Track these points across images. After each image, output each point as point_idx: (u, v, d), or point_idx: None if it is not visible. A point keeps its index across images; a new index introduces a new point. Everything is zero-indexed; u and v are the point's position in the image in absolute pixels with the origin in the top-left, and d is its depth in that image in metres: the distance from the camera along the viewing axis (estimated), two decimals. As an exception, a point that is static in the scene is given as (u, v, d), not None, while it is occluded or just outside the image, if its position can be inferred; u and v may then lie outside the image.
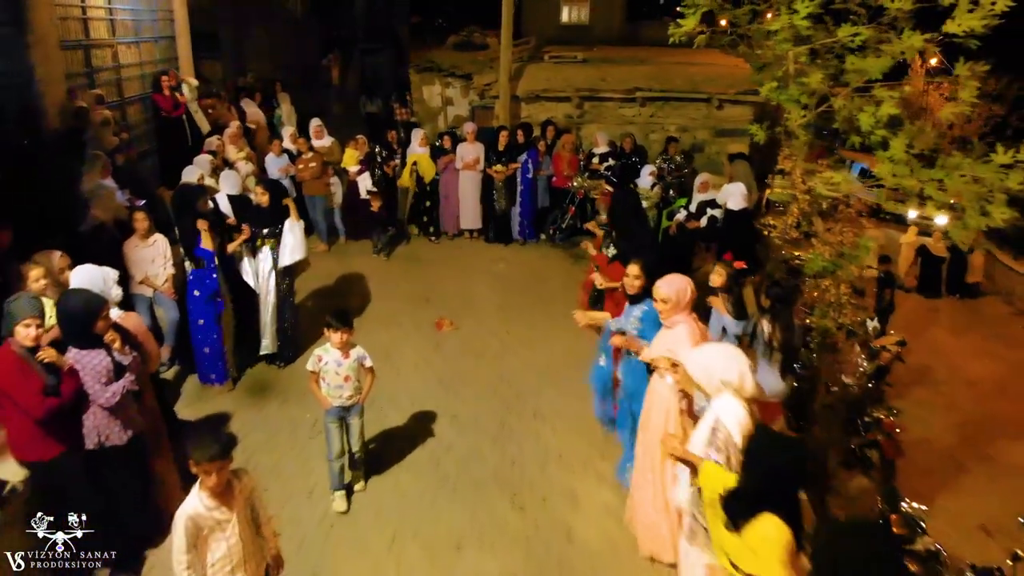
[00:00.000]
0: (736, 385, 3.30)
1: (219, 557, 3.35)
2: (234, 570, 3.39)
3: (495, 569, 4.58)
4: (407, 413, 6.36)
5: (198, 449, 3.25)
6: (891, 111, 4.86)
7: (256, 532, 3.55)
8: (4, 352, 3.94)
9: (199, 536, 3.30)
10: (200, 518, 3.28)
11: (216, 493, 3.30)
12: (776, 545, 2.76)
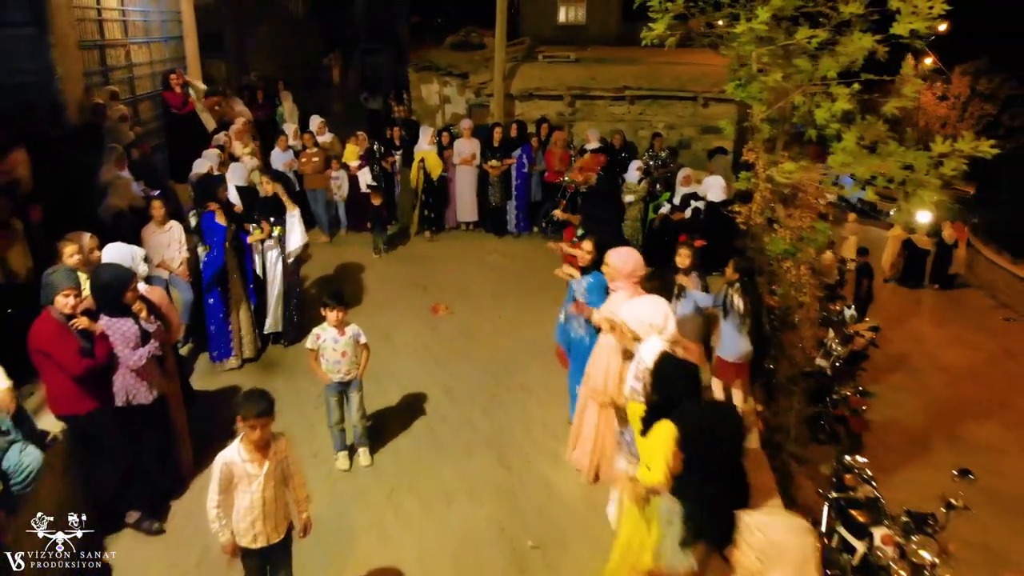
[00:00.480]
0: (660, 326, 3.89)
1: (244, 507, 3.74)
2: (254, 522, 3.76)
3: (482, 517, 5.11)
4: (405, 388, 6.88)
5: (247, 405, 3.61)
6: (845, 106, 5.39)
7: (283, 492, 3.86)
8: (45, 318, 4.47)
9: (231, 482, 3.70)
10: (234, 466, 3.67)
11: (256, 447, 3.67)
12: (661, 438, 3.33)
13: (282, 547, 3.94)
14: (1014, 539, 6.68)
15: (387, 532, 5.00)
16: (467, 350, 7.70)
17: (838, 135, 5.44)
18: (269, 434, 3.71)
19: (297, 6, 20.79)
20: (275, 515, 3.81)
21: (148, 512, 4.88)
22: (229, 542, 3.79)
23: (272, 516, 3.79)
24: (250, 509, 3.73)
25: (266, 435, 3.68)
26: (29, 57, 7.80)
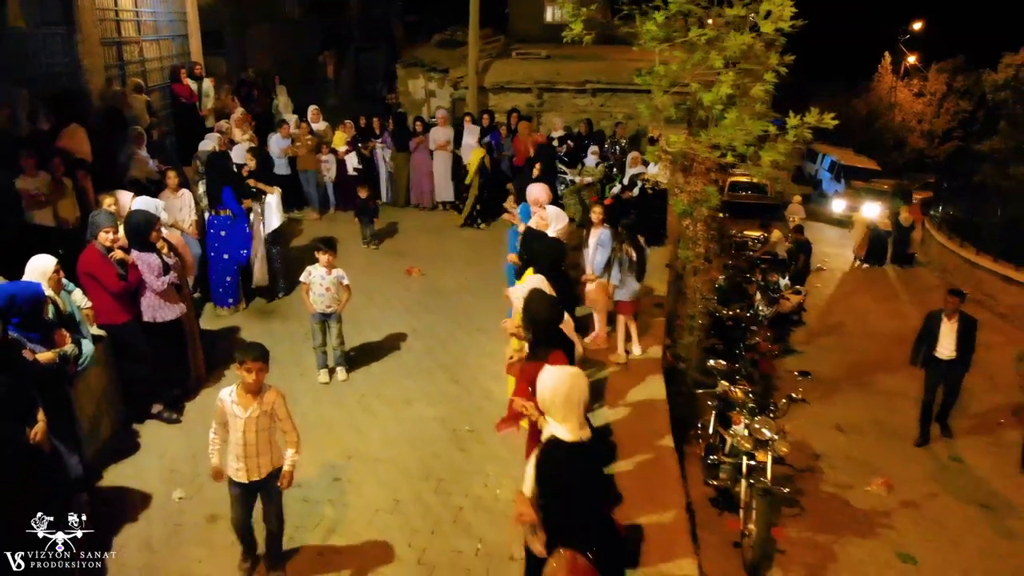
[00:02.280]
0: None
1: (231, 442, 4.28)
2: (237, 458, 4.26)
3: (433, 414, 6.56)
4: (380, 331, 8.31)
5: (244, 351, 4.14)
6: (727, 91, 6.81)
7: (266, 440, 4.28)
8: (91, 250, 5.91)
9: (224, 417, 4.27)
10: (224, 405, 4.23)
11: (248, 391, 4.17)
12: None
13: (266, 485, 4.38)
14: (889, 456, 8.08)
15: (357, 424, 6.44)
16: (434, 303, 9.14)
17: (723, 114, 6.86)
18: (262, 382, 4.21)
19: (294, 6, 22.26)
20: (256, 458, 4.25)
21: (168, 406, 6.33)
22: (216, 467, 4.39)
23: (253, 457, 4.24)
24: (234, 446, 4.26)
25: (259, 381, 4.17)
26: (61, 52, 9.27)
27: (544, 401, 3.47)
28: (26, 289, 4.80)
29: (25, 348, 4.66)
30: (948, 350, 8.23)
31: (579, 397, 3.41)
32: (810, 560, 6.06)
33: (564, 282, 6.48)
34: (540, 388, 3.53)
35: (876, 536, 6.51)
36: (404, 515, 5.28)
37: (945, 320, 8.26)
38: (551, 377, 3.50)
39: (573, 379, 3.47)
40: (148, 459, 5.84)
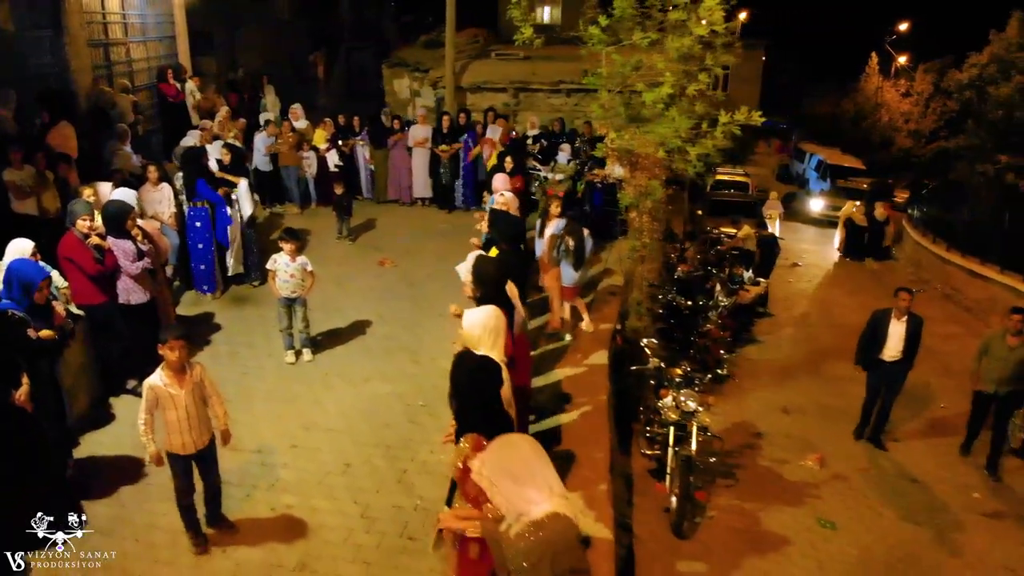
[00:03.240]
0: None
1: (172, 421, 4.66)
2: (181, 432, 4.69)
3: (389, 391, 7.09)
4: (348, 317, 8.84)
5: (166, 331, 4.63)
6: (667, 91, 7.34)
7: (203, 409, 4.77)
8: (70, 236, 6.44)
9: (156, 403, 4.64)
10: (158, 389, 4.61)
11: (174, 370, 4.60)
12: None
13: (207, 454, 4.89)
14: (829, 436, 8.56)
15: (318, 398, 6.98)
16: (403, 291, 9.67)
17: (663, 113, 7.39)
18: (186, 359, 4.65)
19: (284, 6, 22.81)
20: (198, 427, 4.76)
21: (141, 381, 6.84)
22: (154, 453, 4.75)
23: (195, 428, 4.75)
24: (177, 422, 4.68)
25: (183, 358, 4.61)
26: (49, 53, 9.83)
27: (473, 337, 4.08)
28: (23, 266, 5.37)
29: (30, 327, 5.21)
30: (895, 351, 7.94)
31: (500, 328, 4.05)
32: (736, 524, 6.57)
33: (521, 256, 7.01)
34: (468, 326, 4.14)
35: (802, 505, 7.02)
36: (353, 476, 5.82)
37: (894, 320, 7.94)
38: (478, 315, 4.13)
39: (495, 315, 4.10)
40: (122, 429, 6.37)
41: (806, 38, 42.30)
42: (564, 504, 2.95)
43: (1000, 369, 7.67)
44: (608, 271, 10.16)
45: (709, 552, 6.11)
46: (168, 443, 4.77)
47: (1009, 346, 7.61)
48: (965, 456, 8.27)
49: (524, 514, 2.92)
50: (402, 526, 5.26)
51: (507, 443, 3.10)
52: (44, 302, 5.57)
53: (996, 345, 7.75)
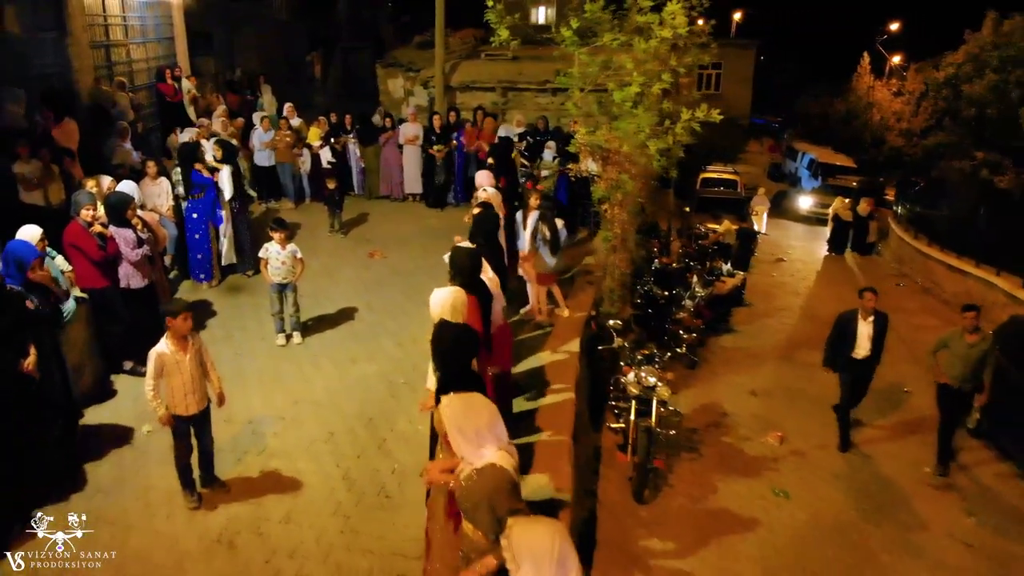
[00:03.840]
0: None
1: (176, 385, 5.23)
2: (185, 395, 5.28)
3: (374, 371, 7.61)
4: (338, 304, 9.36)
5: (177, 303, 5.59)
6: (635, 90, 7.86)
7: (201, 375, 5.33)
8: (75, 224, 6.97)
9: (162, 369, 5.16)
10: (164, 356, 5.16)
11: (177, 339, 5.18)
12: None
13: (203, 417, 5.47)
14: (792, 416, 9.06)
15: (306, 377, 7.50)
16: (391, 281, 10.19)
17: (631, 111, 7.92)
18: (189, 328, 5.29)
19: (281, 7, 23.37)
20: (198, 391, 5.36)
21: (139, 361, 7.38)
22: (165, 415, 5.27)
23: (196, 391, 5.33)
24: (181, 386, 5.25)
25: (187, 327, 5.23)
26: (53, 55, 10.36)
27: (434, 313, 4.63)
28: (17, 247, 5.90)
29: (28, 300, 5.74)
30: (864, 350, 8.12)
31: (461, 306, 4.56)
32: (694, 492, 7.08)
33: (498, 248, 7.52)
34: (432, 303, 4.68)
35: (759, 476, 7.53)
36: (336, 444, 6.34)
37: (861, 321, 8.12)
38: (441, 294, 4.68)
39: (457, 294, 4.62)
40: (123, 403, 6.91)
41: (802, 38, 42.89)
42: (504, 457, 3.49)
43: (961, 366, 7.79)
44: (586, 262, 10.66)
45: (666, 515, 6.63)
46: (172, 406, 5.32)
47: (968, 343, 7.76)
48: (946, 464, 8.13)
49: (471, 464, 3.47)
50: (380, 487, 5.78)
51: (468, 401, 3.64)
52: (38, 280, 6.06)
53: (955, 343, 7.88)
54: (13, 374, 5.28)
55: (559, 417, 6.63)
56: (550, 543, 2.72)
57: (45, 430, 5.57)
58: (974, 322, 7.75)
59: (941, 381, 8.00)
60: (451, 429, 3.58)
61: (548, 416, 6.64)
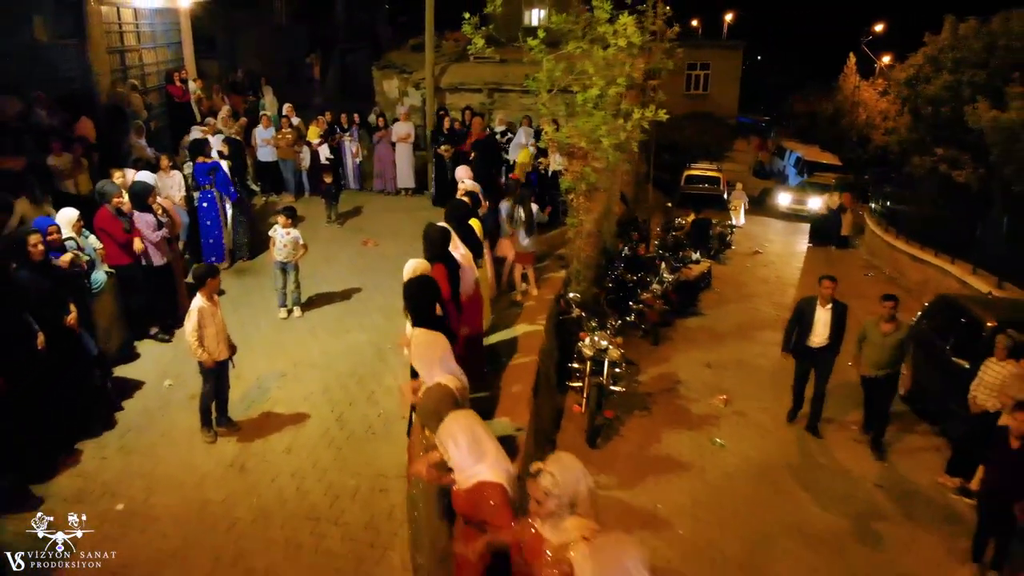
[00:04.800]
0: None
1: (211, 334, 6.49)
2: (219, 343, 6.56)
3: (365, 339, 8.79)
4: (334, 285, 10.53)
5: (209, 270, 6.63)
6: (595, 92, 9.02)
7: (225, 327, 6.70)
8: (104, 210, 8.14)
9: (202, 319, 6.47)
10: (203, 309, 6.41)
11: (211, 296, 6.60)
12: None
13: (225, 365, 6.74)
14: (739, 384, 10.16)
15: (305, 344, 8.69)
16: (382, 266, 11.34)
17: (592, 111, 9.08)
18: (218, 287, 6.77)
19: (281, 11, 24.58)
20: (225, 340, 6.66)
21: (161, 328, 8.58)
22: (208, 358, 6.48)
23: (223, 340, 6.63)
24: (215, 334, 6.52)
25: (216, 286, 6.58)
26: (75, 60, 11.56)
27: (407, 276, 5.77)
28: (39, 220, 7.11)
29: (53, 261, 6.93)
30: (821, 337, 8.37)
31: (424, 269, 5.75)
32: (642, 441, 8.23)
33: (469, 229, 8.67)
34: (405, 270, 5.83)
35: (700, 429, 8.68)
36: (331, 395, 7.53)
37: (819, 307, 8.39)
38: (410, 263, 5.84)
39: (419, 262, 5.82)
40: (147, 364, 8.10)
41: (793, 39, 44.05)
42: (451, 380, 4.65)
43: (877, 354, 8.23)
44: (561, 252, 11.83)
45: (615, 458, 7.79)
46: (207, 356, 6.52)
47: (883, 332, 8.19)
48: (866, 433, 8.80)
49: (426, 383, 4.65)
50: (367, 427, 6.97)
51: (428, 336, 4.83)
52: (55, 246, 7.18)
53: (872, 331, 8.31)
54: (59, 327, 6.45)
55: (523, 375, 7.78)
56: (464, 422, 3.87)
57: (85, 376, 6.74)
58: (891, 311, 8.18)
59: (863, 373, 8.50)
60: (414, 357, 4.77)
61: (514, 374, 7.79)
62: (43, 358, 6.15)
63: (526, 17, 25.61)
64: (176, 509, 5.86)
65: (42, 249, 6.58)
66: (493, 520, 3.72)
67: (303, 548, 5.48)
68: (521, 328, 8.91)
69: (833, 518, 7.14)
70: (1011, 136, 13.02)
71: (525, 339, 8.63)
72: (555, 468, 3.40)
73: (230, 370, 6.88)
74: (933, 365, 9.30)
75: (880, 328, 8.26)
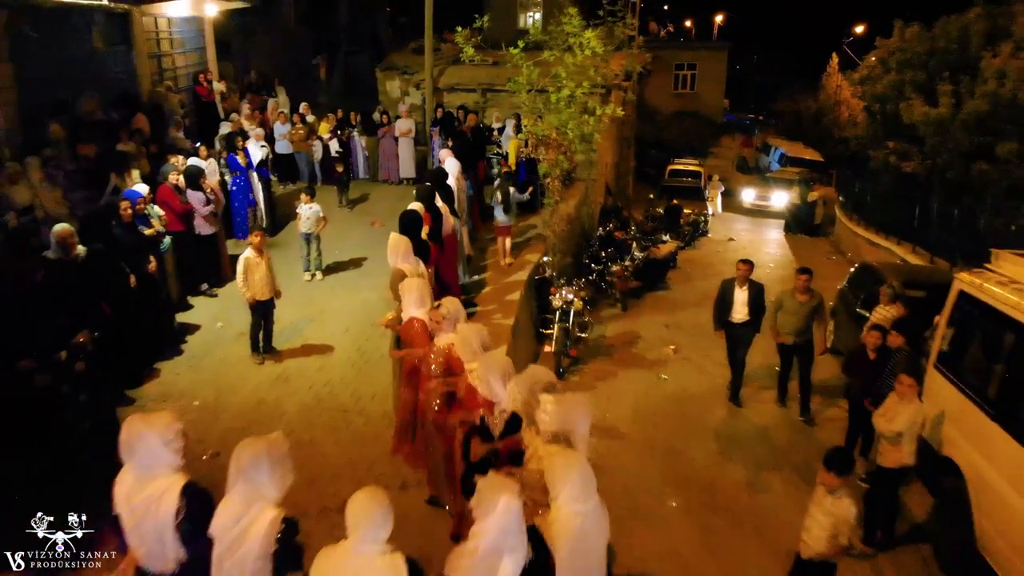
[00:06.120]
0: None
1: (257, 279, 8.98)
2: (262, 286, 8.94)
3: (374, 296, 10.91)
4: (347, 256, 12.68)
5: (255, 227, 9.22)
6: (567, 93, 11.16)
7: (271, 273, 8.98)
8: (165, 187, 10.30)
9: (248, 268, 8.98)
10: (249, 259, 8.79)
11: (257, 249, 8.92)
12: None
13: (270, 303, 8.99)
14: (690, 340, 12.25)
15: (327, 299, 10.85)
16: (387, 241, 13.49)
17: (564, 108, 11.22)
18: (262, 242, 9.09)
19: (290, 16, 26.74)
20: (270, 284, 8.96)
21: (209, 285, 10.75)
22: (251, 297, 8.80)
23: (268, 284, 8.85)
24: (259, 279, 8.84)
25: (263, 239, 9.07)
26: (123, 64, 13.72)
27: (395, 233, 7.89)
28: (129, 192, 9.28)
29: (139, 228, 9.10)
30: (741, 314, 9.40)
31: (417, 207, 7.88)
32: (599, 375, 10.35)
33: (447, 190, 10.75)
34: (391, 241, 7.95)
35: (650, 369, 10.79)
36: (350, 334, 9.70)
37: (737, 288, 9.43)
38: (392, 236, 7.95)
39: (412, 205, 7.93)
40: (200, 312, 10.27)
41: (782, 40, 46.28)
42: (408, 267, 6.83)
43: (794, 322, 9.09)
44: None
45: (578, 386, 9.91)
46: (252, 295, 8.67)
47: (799, 302, 9.09)
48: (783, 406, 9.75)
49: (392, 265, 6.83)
50: (381, 354, 9.09)
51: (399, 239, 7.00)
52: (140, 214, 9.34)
53: (788, 302, 9.19)
54: (142, 274, 8.60)
55: (506, 313, 9.93)
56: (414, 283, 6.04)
57: (161, 312, 8.89)
58: (806, 284, 9.09)
59: (779, 341, 9.37)
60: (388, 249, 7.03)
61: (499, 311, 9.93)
62: (133, 295, 8.30)
63: (520, 20, 27.81)
64: (238, 406, 8.02)
65: (131, 213, 8.77)
66: (414, 342, 5.89)
67: (337, 429, 7.64)
68: (505, 282, 11.07)
69: (742, 424, 9.25)
70: (940, 128, 15.15)
71: (508, 291, 10.78)
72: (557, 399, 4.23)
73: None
74: (847, 317, 11.41)
75: (796, 298, 9.15)
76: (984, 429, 6.03)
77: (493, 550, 3.31)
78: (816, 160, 30.49)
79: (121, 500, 3.62)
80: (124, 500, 3.61)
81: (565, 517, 3.56)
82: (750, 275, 9.50)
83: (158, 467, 3.59)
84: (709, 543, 6.75)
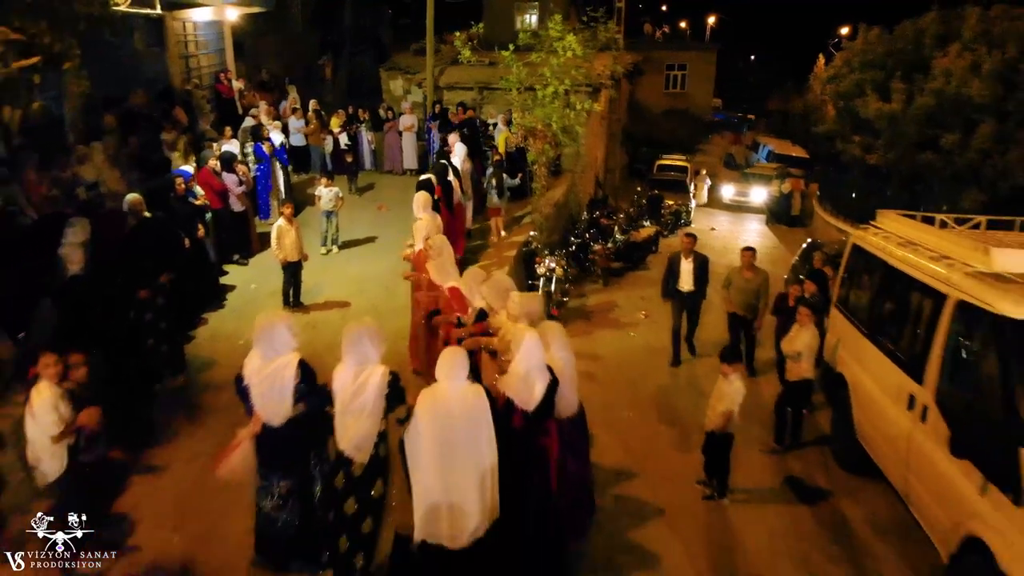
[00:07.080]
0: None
1: (289, 242, 10.98)
2: (293, 249, 10.97)
3: (384, 266, 12.87)
4: (358, 234, 14.66)
5: (283, 203, 11.25)
6: (551, 90, 13.15)
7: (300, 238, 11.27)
8: (205, 170, 12.29)
9: (281, 234, 11.01)
10: (281, 227, 10.98)
11: (288, 218, 11.08)
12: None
13: (299, 264, 11.21)
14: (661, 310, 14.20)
15: (344, 267, 12.85)
16: (393, 223, 15.39)
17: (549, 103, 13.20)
18: (291, 213, 11.17)
19: (297, 18, 28.72)
20: (299, 247, 11.11)
21: (241, 256, 12.73)
22: (283, 258, 10.95)
23: (298, 247, 11.01)
24: (290, 243, 10.90)
25: (291, 210, 11.16)
26: (157, 64, 15.71)
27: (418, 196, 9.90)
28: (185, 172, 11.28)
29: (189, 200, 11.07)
30: (688, 284, 10.55)
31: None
32: (577, 333, 12.25)
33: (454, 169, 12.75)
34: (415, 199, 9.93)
35: (622, 328, 12.77)
36: (366, 293, 11.70)
37: (683, 260, 10.53)
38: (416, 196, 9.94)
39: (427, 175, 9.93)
40: (235, 277, 12.25)
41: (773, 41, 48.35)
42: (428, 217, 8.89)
43: (741, 298, 10.19)
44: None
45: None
46: (284, 256, 10.63)
47: (745, 278, 10.19)
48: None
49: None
50: (395, 306, 11.06)
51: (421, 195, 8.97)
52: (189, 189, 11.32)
53: (736, 278, 10.28)
54: (193, 239, 10.57)
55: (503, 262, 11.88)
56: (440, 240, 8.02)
57: (210, 271, 10.87)
58: (750, 260, 10.29)
59: (729, 311, 10.50)
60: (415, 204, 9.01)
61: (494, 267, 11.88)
62: (186, 256, 10.28)
63: (517, 21, 29.85)
64: (276, 345, 9.97)
65: (183, 188, 10.77)
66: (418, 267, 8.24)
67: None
68: (498, 253, 13.05)
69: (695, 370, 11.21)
70: (893, 123, 17.15)
71: (501, 257, 12.76)
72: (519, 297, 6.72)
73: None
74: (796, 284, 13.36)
75: (742, 275, 10.25)
76: (860, 344, 8.03)
77: (527, 372, 5.30)
78: (801, 156, 32.45)
79: (251, 374, 5.56)
80: (255, 373, 5.54)
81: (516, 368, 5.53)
82: (694, 247, 10.69)
83: (282, 348, 5.54)
84: (652, 439, 8.78)
